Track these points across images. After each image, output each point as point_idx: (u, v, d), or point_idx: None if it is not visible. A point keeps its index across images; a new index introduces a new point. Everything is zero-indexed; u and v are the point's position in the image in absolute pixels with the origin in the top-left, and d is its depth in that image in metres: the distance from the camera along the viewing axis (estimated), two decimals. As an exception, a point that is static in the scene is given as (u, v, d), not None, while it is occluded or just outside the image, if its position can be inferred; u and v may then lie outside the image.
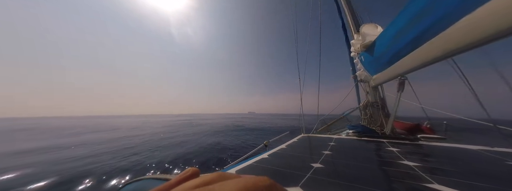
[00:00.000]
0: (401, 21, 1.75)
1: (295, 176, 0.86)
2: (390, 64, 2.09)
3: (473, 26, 1.06)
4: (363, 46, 2.77)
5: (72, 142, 9.66)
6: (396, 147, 1.57)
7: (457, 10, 1.13)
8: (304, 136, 2.24)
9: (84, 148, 7.79)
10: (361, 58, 2.93)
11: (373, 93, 2.93)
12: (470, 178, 0.83)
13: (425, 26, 1.43)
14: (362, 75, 2.96)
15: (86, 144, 8.81)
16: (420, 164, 1.06)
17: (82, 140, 10.37)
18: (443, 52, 1.32)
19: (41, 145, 8.77)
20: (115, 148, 7.58)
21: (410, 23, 1.61)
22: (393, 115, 2.15)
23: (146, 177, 0.39)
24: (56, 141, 10.31)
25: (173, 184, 0.18)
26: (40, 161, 5.73)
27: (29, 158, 6.29)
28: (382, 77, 2.45)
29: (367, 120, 2.89)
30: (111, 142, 9.20)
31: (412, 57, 1.70)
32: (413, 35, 1.59)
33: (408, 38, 1.66)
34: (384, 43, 2.16)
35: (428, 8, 1.38)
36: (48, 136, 12.89)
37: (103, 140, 10.13)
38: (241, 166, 1.03)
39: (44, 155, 6.65)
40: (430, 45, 1.43)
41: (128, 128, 18.51)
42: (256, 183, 0.14)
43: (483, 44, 1.07)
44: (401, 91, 2.06)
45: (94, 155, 6.44)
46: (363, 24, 2.82)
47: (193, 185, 0.15)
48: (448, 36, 1.25)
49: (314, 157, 1.24)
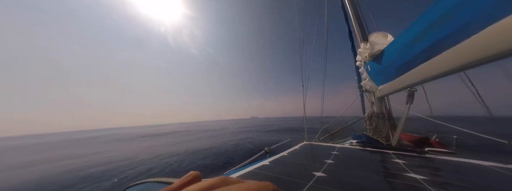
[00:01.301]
0: (414, 30, 1.70)
1: (297, 185, 0.83)
2: (398, 75, 2.03)
3: (495, 38, 0.99)
4: (370, 55, 2.74)
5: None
6: (402, 159, 1.51)
7: (479, 20, 1.08)
8: (306, 144, 2.19)
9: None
10: (367, 68, 2.87)
11: (379, 104, 2.87)
12: None
13: (441, 37, 1.37)
14: (367, 85, 2.89)
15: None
16: (427, 177, 1.00)
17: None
18: (459, 64, 1.26)
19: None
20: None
21: (424, 33, 1.55)
22: (400, 127, 2.09)
23: (149, 180, 0.39)
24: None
25: (174, 188, 0.18)
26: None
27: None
28: (389, 88, 2.39)
29: (372, 130, 2.82)
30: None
31: (424, 69, 1.63)
32: (426, 46, 1.53)
33: (421, 48, 1.60)
34: (394, 52, 2.10)
35: (447, 16, 1.32)
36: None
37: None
38: (241, 172, 1.01)
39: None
40: (445, 57, 1.37)
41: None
42: (259, 188, 0.13)
43: (504, 58, 1.00)
44: (410, 103, 2.00)
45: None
46: (373, 33, 2.79)
47: (196, 189, 0.15)
48: (466, 48, 1.19)
49: (316, 165, 1.20)
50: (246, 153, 9.47)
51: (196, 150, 11.24)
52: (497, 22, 0.97)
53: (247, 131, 24.38)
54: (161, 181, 0.36)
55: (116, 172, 7.47)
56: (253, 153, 2.77)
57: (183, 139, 19.38)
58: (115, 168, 8.05)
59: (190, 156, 9.73)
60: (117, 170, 7.74)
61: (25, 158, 13.95)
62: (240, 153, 9.75)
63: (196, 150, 11.09)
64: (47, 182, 6.94)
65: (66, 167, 9.15)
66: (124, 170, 7.66)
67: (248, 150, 10.65)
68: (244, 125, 46.04)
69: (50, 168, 9.54)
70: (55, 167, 9.48)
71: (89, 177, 7.04)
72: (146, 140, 21.44)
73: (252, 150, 10.36)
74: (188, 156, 9.77)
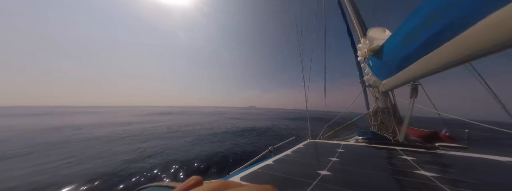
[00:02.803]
0: (411, 23, 1.67)
1: (301, 184, 0.81)
2: (400, 69, 1.99)
3: (496, 27, 0.95)
4: (370, 50, 2.70)
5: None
6: (410, 155, 1.46)
7: (478, 10, 1.04)
8: (310, 142, 2.15)
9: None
10: (368, 63, 2.84)
11: (383, 99, 2.80)
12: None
13: (439, 29, 1.34)
14: (371, 80, 2.86)
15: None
16: (438, 174, 0.96)
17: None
18: (460, 56, 1.22)
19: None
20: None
21: (422, 26, 1.53)
22: (406, 122, 2.03)
23: (153, 184, 0.41)
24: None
25: None
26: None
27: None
28: (392, 83, 2.35)
29: (377, 126, 2.76)
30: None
31: (425, 62, 1.60)
32: (424, 38, 1.50)
33: (419, 41, 1.57)
34: (393, 47, 2.07)
35: (442, 9, 1.30)
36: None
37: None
38: (245, 172, 1.00)
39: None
40: (445, 49, 1.33)
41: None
42: None
43: (508, 48, 0.97)
44: (414, 97, 1.95)
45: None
46: (370, 28, 2.77)
47: None
48: (467, 39, 1.15)
49: (321, 164, 1.18)
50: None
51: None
52: (499, 9, 0.93)
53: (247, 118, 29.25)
54: (165, 185, 0.39)
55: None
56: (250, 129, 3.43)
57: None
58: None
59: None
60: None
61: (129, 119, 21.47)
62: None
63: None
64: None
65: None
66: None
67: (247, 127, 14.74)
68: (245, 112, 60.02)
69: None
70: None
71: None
72: (186, 115, 30.57)
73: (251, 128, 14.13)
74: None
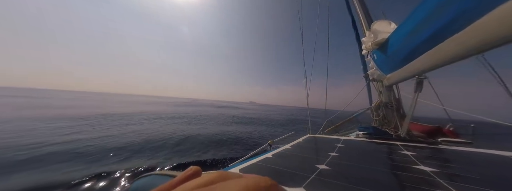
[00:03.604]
0: (419, 14, 1.61)
1: (299, 177, 0.82)
2: (406, 62, 1.94)
3: (508, 18, 0.90)
4: (375, 44, 2.63)
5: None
6: (411, 150, 1.45)
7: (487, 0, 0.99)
8: (310, 137, 2.16)
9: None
10: (373, 56, 2.78)
11: (387, 93, 2.76)
12: (499, 187, 0.73)
13: (450, 18, 1.28)
14: (375, 74, 2.80)
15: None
16: (438, 169, 0.95)
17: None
18: (473, 47, 1.17)
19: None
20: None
21: (431, 16, 1.47)
22: (409, 117, 2.00)
23: (155, 172, 0.42)
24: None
25: (175, 183, 0.18)
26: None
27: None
28: (397, 76, 2.29)
29: (379, 121, 2.73)
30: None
31: (432, 55, 1.55)
32: (434, 29, 1.45)
33: (428, 32, 1.51)
34: (399, 40, 2.01)
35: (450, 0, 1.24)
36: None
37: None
38: (244, 165, 1.02)
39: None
40: (453, 41, 1.28)
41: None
42: (257, 183, 0.14)
43: None
44: (419, 91, 1.91)
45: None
46: (375, 21, 2.68)
47: (195, 185, 0.16)
48: (482, 28, 1.08)
49: (320, 158, 1.18)
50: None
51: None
52: (506, 2, 0.88)
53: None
54: (165, 173, 0.39)
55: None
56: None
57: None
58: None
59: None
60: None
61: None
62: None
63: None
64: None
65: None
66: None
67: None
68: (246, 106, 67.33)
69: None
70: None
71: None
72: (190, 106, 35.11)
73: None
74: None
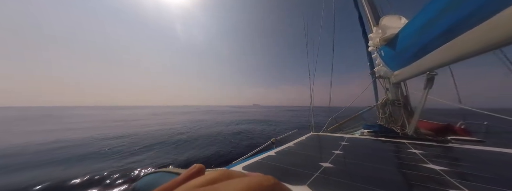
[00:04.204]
0: (433, 9, 1.55)
1: (303, 175, 0.80)
2: (417, 58, 1.89)
3: None
4: (383, 39, 2.57)
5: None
6: (419, 149, 1.42)
7: None
8: (314, 135, 2.14)
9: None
10: (380, 53, 2.71)
11: (394, 90, 2.70)
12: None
13: (466, 14, 1.23)
14: (381, 71, 2.75)
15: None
16: (448, 168, 0.92)
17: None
18: (489, 43, 1.12)
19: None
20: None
21: (445, 11, 1.41)
22: (418, 114, 1.95)
23: (161, 170, 0.43)
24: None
25: (179, 181, 0.19)
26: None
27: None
28: (406, 73, 2.24)
29: (385, 119, 2.69)
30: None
31: (446, 50, 1.49)
32: (448, 25, 1.39)
33: (442, 28, 1.45)
34: (410, 35, 1.95)
35: None
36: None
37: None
38: (247, 162, 1.01)
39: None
40: (471, 36, 1.23)
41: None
42: (260, 182, 0.14)
43: None
44: (429, 88, 1.85)
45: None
46: (384, 16, 2.60)
47: (199, 183, 0.16)
48: (496, 24, 1.04)
49: (323, 156, 1.16)
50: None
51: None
52: None
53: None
54: (171, 171, 0.41)
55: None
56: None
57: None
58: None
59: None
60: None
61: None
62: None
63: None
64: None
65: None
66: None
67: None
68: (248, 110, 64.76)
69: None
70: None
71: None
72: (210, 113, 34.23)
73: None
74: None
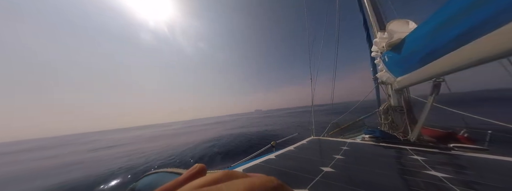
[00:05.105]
0: (444, 14, 1.53)
1: (304, 179, 0.78)
2: (423, 64, 1.86)
3: None
4: (388, 44, 2.55)
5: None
6: (421, 155, 1.40)
7: None
8: (314, 139, 2.11)
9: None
10: (384, 58, 2.70)
11: (397, 97, 2.69)
12: None
13: (480, 20, 1.20)
14: (384, 77, 2.73)
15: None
16: (451, 175, 0.90)
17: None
18: (503, 50, 1.09)
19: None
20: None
21: (458, 17, 1.38)
22: (422, 121, 1.94)
23: (162, 170, 0.43)
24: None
25: (181, 181, 0.18)
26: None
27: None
28: (409, 79, 2.22)
29: (387, 125, 2.67)
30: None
31: (455, 56, 1.46)
32: (460, 31, 1.37)
33: (453, 34, 1.43)
34: (418, 38, 1.93)
35: None
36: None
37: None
38: (247, 165, 0.99)
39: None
40: (483, 43, 1.20)
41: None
42: (264, 183, 0.13)
43: None
44: (435, 95, 1.83)
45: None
46: (391, 21, 2.59)
47: (202, 183, 0.15)
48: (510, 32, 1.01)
49: (324, 160, 1.14)
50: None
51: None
52: None
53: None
54: (172, 171, 0.40)
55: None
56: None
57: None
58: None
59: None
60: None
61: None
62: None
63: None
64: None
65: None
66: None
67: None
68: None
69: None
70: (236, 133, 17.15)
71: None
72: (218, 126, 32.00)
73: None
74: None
